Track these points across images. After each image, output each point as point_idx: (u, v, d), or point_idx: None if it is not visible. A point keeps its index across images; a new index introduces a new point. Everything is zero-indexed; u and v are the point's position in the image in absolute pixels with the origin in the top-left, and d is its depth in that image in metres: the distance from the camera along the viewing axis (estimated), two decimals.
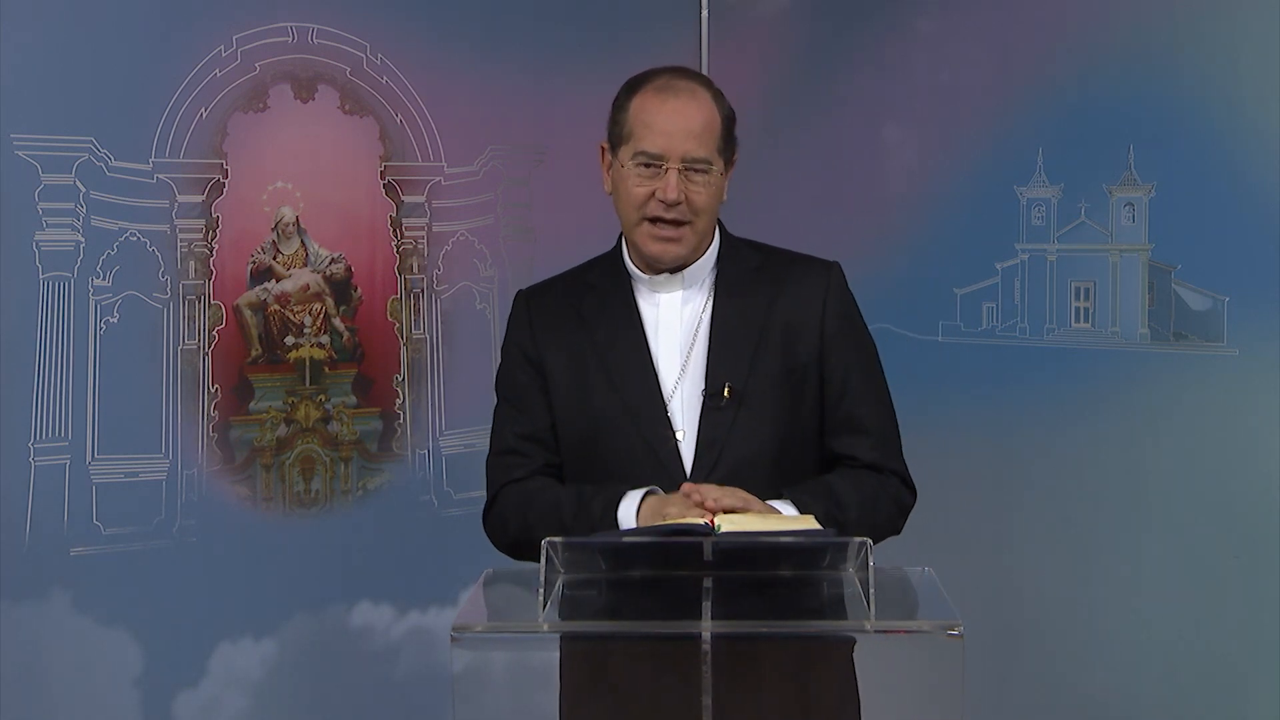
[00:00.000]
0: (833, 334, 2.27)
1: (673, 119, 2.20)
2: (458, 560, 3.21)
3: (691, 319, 2.27)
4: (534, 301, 2.36)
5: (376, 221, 3.35)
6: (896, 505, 2.27)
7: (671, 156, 2.19)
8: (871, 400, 2.29)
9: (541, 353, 2.30)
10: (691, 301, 2.28)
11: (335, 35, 3.27)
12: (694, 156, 2.19)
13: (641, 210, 2.22)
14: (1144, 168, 3.16)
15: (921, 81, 3.51)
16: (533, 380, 2.30)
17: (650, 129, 2.20)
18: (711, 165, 2.21)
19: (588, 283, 2.33)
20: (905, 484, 2.28)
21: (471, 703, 1.83)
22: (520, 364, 2.32)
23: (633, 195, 2.22)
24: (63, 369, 2.94)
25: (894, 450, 2.29)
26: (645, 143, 2.20)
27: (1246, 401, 3.00)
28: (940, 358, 3.46)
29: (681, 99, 2.21)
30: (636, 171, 2.21)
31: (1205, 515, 3.07)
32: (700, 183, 2.21)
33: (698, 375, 2.23)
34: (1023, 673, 3.29)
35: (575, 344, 2.28)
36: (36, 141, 2.90)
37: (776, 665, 1.99)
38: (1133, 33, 3.15)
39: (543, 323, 2.32)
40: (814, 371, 2.25)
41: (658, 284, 2.29)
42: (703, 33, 3.75)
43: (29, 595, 2.90)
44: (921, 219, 3.51)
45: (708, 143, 2.21)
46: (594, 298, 2.30)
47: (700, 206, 2.21)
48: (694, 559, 1.92)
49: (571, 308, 2.31)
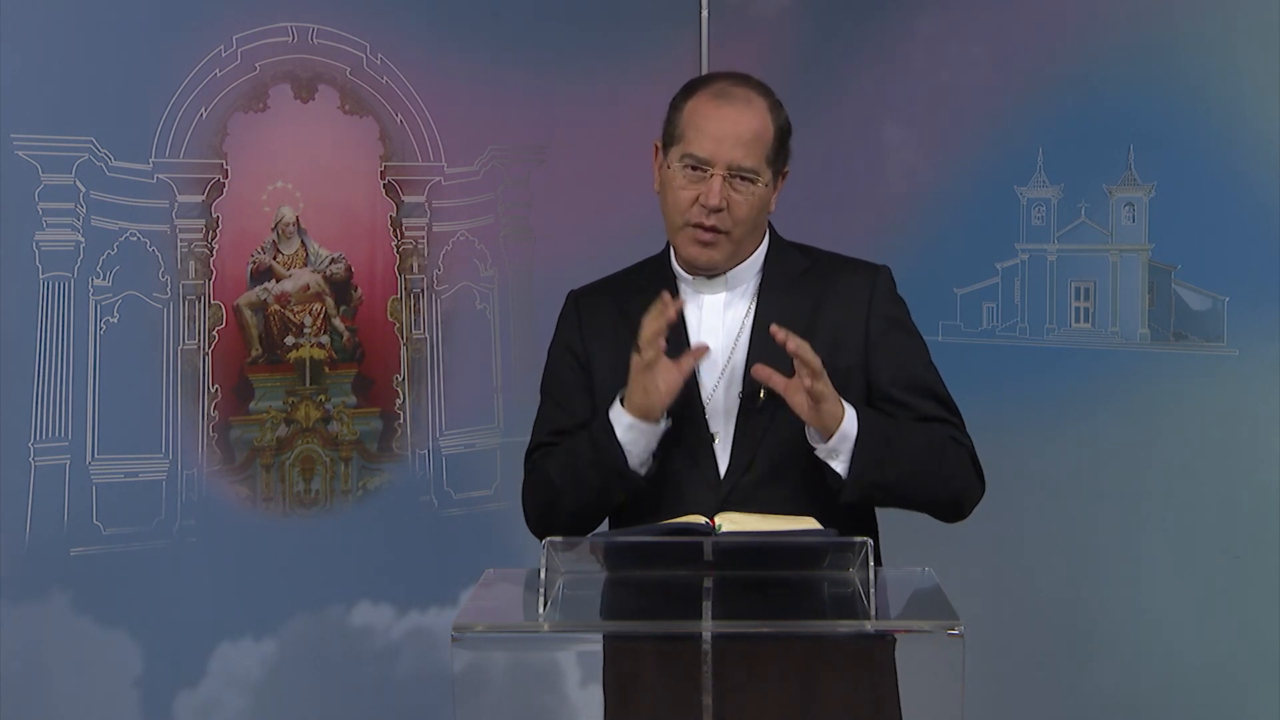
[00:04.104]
0: (878, 336, 2.25)
1: (723, 125, 2.18)
2: (458, 560, 3.22)
3: (734, 321, 2.26)
4: (584, 301, 2.36)
5: (376, 221, 3.35)
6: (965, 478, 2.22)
7: (718, 162, 2.17)
8: (932, 393, 2.26)
9: (589, 352, 2.30)
10: (734, 305, 2.27)
11: (335, 35, 3.26)
12: (741, 165, 2.18)
13: (685, 215, 2.20)
14: (1144, 168, 3.16)
15: (921, 81, 3.51)
16: (578, 379, 2.30)
17: (700, 133, 2.19)
18: (758, 176, 2.19)
19: (636, 284, 2.32)
20: (977, 471, 2.25)
21: (471, 703, 1.84)
22: (567, 363, 2.32)
23: (678, 198, 2.21)
24: (63, 369, 2.94)
25: (967, 437, 2.26)
26: (694, 146, 2.19)
27: (1246, 401, 3.00)
28: (940, 358, 3.45)
29: (736, 106, 2.20)
30: (683, 174, 2.20)
31: (1205, 515, 3.07)
32: (745, 192, 2.19)
33: (737, 377, 2.22)
34: (1023, 673, 3.29)
35: (622, 343, 2.24)
36: (36, 141, 2.90)
37: (777, 665, 1.99)
38: (1133, 33, 3.15)
39: (591, 322, 2.32)
40: (858, 376, 2.23)
41: (701, 285, 2.28)
42: (703, 33, 3.75)
43: (29, 595, 2.90)
44: (921, 219, 3.51)
45: (756, 152, 2.19)
46: (642, 299, 2.26)
47: (741, 217, 2.20)
48: (694, 559, 1.92)
49: (619, 308, 2.30)
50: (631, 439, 2.15)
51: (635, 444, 2.15)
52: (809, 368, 2.06)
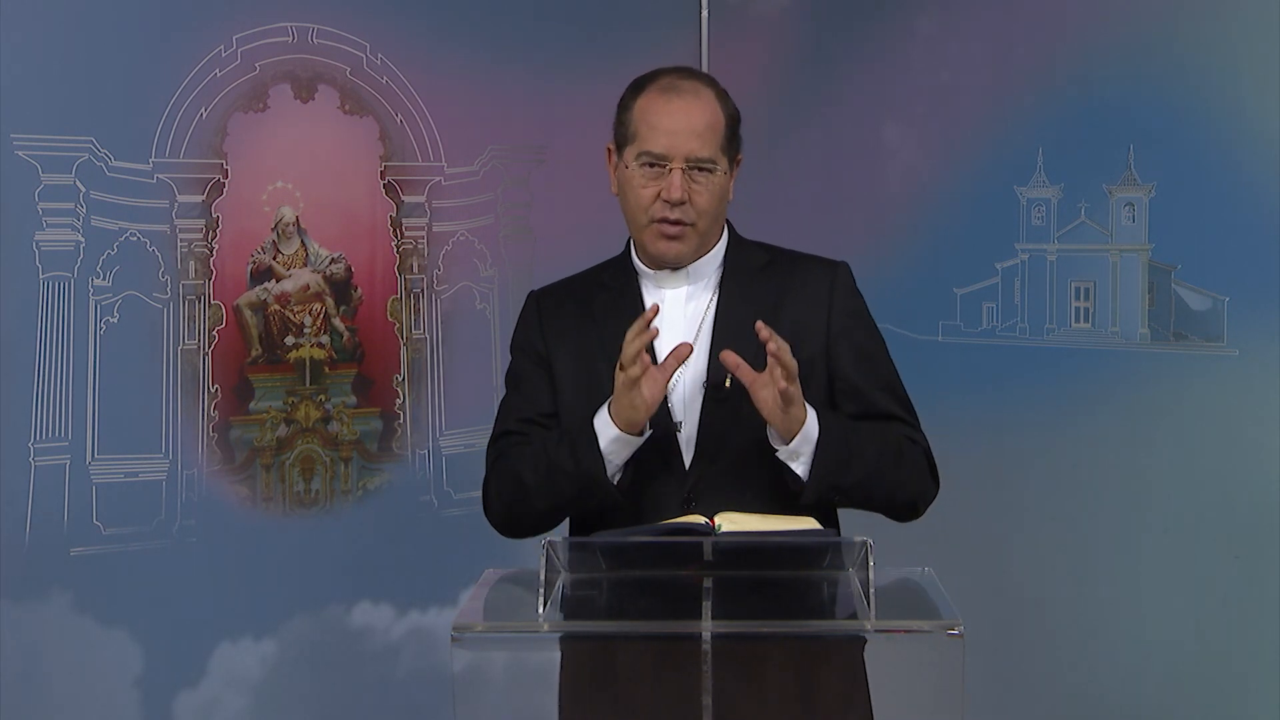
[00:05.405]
0: (839, 331, 2.27)
1: (676, 119, 2.20)
2: (458, 560, 3.22)
3: (695, 313, 2.27)
4: (544, 300, 2.37)
5: (376, 221, 3.35)
6: (922, 478, 2.24)
7: (675, 156, 2.19)
8: (890, 392, 2.28)
9: (550, 350, 2.31)
10: (696, 297, 2.28)
11: (335, 35, 3.27)
12: (698, 156, 2.20)
13: (648, 212, 2.22)
14: (1144, 168, 3.16)
15: (921, 81, 3.51)
16: (536, 372, 2.32)
17: (654, 129, 2.20)
18: (716, 165, 2.21)
19: (599, 282, 2.34)
20: (932, 472, 2.27)
21: (471, 703, 1.84)
22: (529, 360, 2.34)
23: (639, 196, 2.22)
24: (63, 369, 2.94)
25: (922, 436, 2.28)
26: (650, 143, 2.20)
27: (1246, 401, 3.01)
28: (940, 358, 3.46)
29: (685, 99, 2.22)
30: (641, 172, 2.22)
31: (1205, 515, 3.07)
32: (704, 182, 2.21)
33: (700, 367, 2.23)
34: (1023, 673, 3.29)
35: (583, 340, 2.28)
36: (36, 141, 2.90)
37: (777, 665, 1.99)
38: (1133, 33, 3.15)
39: (552, 321, 2.33)
40: (820, 367, 2.24)
41: (663, 280, 2.29)
42: (703, 33, 3.75)
43: (29, 595, 2.90)
44: (921, 219, 3.51)
45: (711, 142, 2.21)
46: (604, 296, 2.31)
47: (704, 207, 2.22)
48: (694, 559, 1.93)
49: (581, 306, 2.32)
50: (614, 450, 2.16)
51: (617, 455, 2.16)
52: (786, 369, 2.07)
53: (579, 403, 2.26)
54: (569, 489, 2.18)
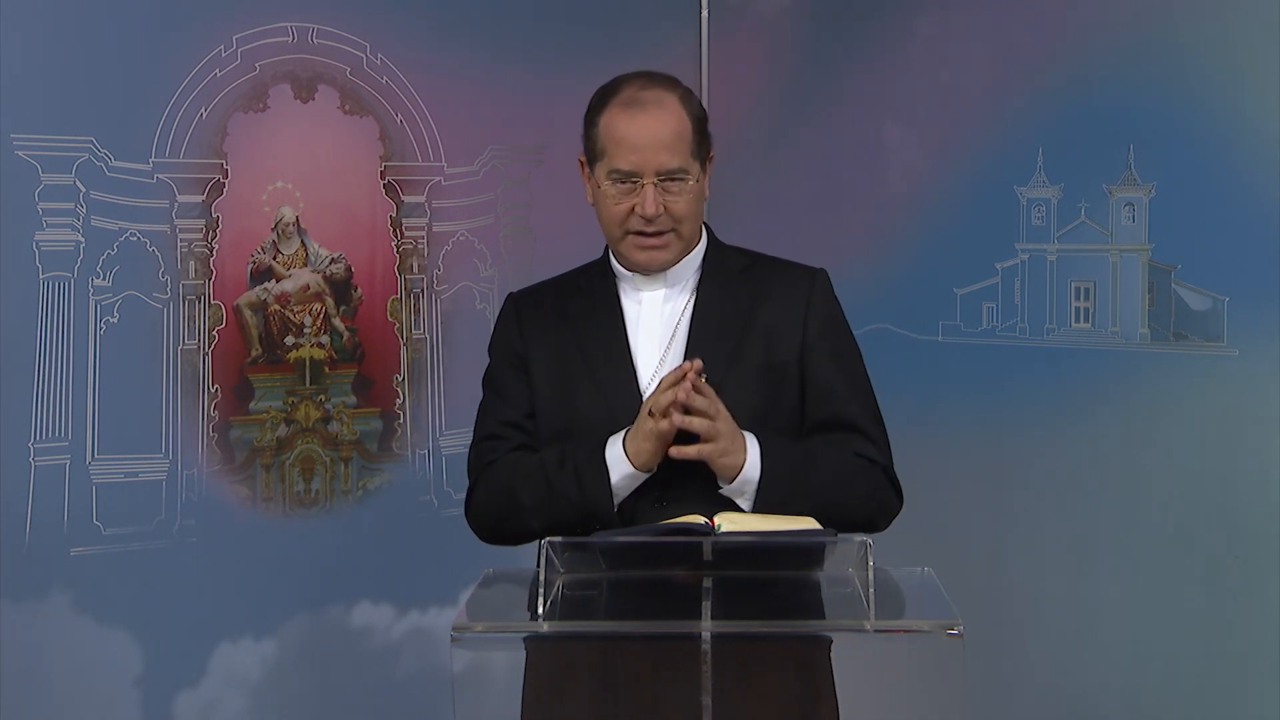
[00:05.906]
0: (814, 337, 2.26)
1: (642, 134, 2.19)
2: (458, 560, 3.20)
3: (672, 315, 2.28)
4: (522, 302, 2.38)
5: (376, 221, 3.35)
6: (879, 497, 2.24)
7: (646, 172, 2.19)
8: (859, 402, 2.28)
9: (527, 352, 2.31)
10: (673, 299, 2.29)
11: (335, 35, 3.27)
12: (668, 168, 2.19)
13: (624, 226, 2.23)
14: (1144, 168, 3.16)
15: (921, 81, 3.51)
16: (515, 374, 2.32)
17: (621, 146, 2.20)
18: (688, 174, 2.21)
19: (577, 285, 2.35)
20: (893, 485, 2.26)
21: (471, 703, 1.84)
22: (505, 361, 2.34)
23: (613, 212, 2.23)
24: (63, 369, 2.94)
25: (885, 449, 2.28)
26: (618, 160, 2.20)
27: (1246, 401, 3.00)
28: (940, 358, 3.46)
29: (649, 111, 2.20)
30: (614, 189, 2.22)
31: (1205, 515, 3.07)
32: (678, 191, 2.21)
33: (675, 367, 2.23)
34: (1023, 673, 3.29)
35: (560, 342, 2.29)
36: (36, 141, 2.90)
37: (777, 665, 1.99)
38: (1133, 33, 3.15)
39: (530, 324, 2.34)
40: (794, 371, 2.24)
41: (641, 282, 2.30)
42: (703, 33, 3.75)
43: (29, 595, 2.90)
44: (921, 219, 3.51)
45: (680, 151, 2.20)
46: (581, 298, 2.32)
47: (681, 214, 2.22)
48: (694, 559, 1.93)
49: (559, 308, 2.33)
50: (624, 485, 2.17)
51: (625, 488, 2.18)
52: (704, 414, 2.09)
53: (555, 405, 2.27)
54: (570, 515, 2.17)
